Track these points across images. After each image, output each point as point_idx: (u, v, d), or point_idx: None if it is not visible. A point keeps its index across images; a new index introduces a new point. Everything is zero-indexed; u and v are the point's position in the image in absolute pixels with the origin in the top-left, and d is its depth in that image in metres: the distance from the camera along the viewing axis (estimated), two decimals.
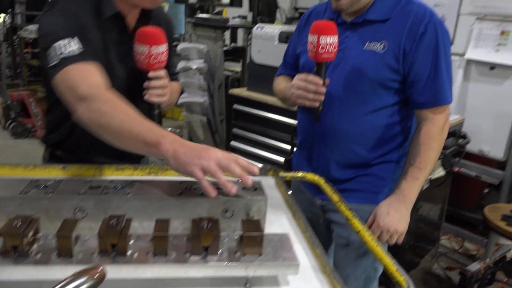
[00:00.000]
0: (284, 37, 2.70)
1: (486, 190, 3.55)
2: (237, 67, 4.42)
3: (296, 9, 3.26)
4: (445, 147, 2.32)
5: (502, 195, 2.84)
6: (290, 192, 1.18)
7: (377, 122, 1.36)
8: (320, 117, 1.34)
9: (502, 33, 2.60)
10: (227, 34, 4.50)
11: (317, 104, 1.31)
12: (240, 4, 3.37)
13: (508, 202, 2.74)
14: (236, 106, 2.95)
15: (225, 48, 3.66)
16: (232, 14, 4.33)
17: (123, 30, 1.29)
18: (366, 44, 1.33)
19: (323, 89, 1.29)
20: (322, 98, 1.30)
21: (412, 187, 1.32)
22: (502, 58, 2.61)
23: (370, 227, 1.33)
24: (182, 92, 3.31)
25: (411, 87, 1.32)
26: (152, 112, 1.29)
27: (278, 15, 3.50)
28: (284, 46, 2.62)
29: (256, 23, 3.26)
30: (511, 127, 2.70)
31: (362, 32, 1.35)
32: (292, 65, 1.55)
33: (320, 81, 1.28)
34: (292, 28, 2.85)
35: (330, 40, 1.25)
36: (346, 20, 1.38)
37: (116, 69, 1.29)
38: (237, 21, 3.65)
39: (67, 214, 0.83)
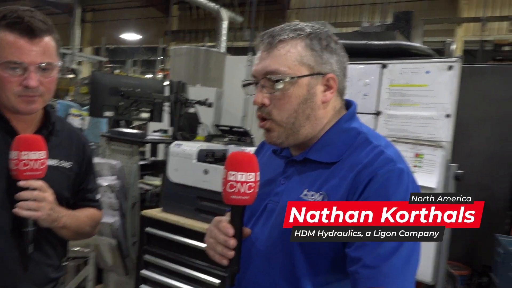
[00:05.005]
0: (203, 156, 2.55)
1: None
2: (157, 181, 4.17)
3: (217, 126, 3.19)
4: None
5: None
6: None
7: None
8: (234, 280, 0.99)
9: (417, 155, 2.67)
10: (148, 146, 4.32)
11: (224, 261, 0.97)
12: (159, 119, 3.25)
13: None
14: (148, 229, 2.63)
15: (144, 162, 3.44)
16: (154, 127, 4.20)
17: (9, 136, 1.22)
18: (304, 192, 1.00)
19: (232, 242, 0.95)
20: (231, 254, 0.96)
21: None
22: (419, 180, 2.64)
23: None
24: None
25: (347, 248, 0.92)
26: (23, 229, 1.14)
27: (200, 130, 3.42)
28: (203, 166, 2.49)
29: (176, 139, 3.12)
30: (435, 250, 2.64)
31: (303, 174, 1.03)
32: None
33: (231, 231, 0.95)
34: (212, 146, 2.72)
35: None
36: (290, 154, 1.08)
37: None
38: (157, 135, 3.51)
39: None
